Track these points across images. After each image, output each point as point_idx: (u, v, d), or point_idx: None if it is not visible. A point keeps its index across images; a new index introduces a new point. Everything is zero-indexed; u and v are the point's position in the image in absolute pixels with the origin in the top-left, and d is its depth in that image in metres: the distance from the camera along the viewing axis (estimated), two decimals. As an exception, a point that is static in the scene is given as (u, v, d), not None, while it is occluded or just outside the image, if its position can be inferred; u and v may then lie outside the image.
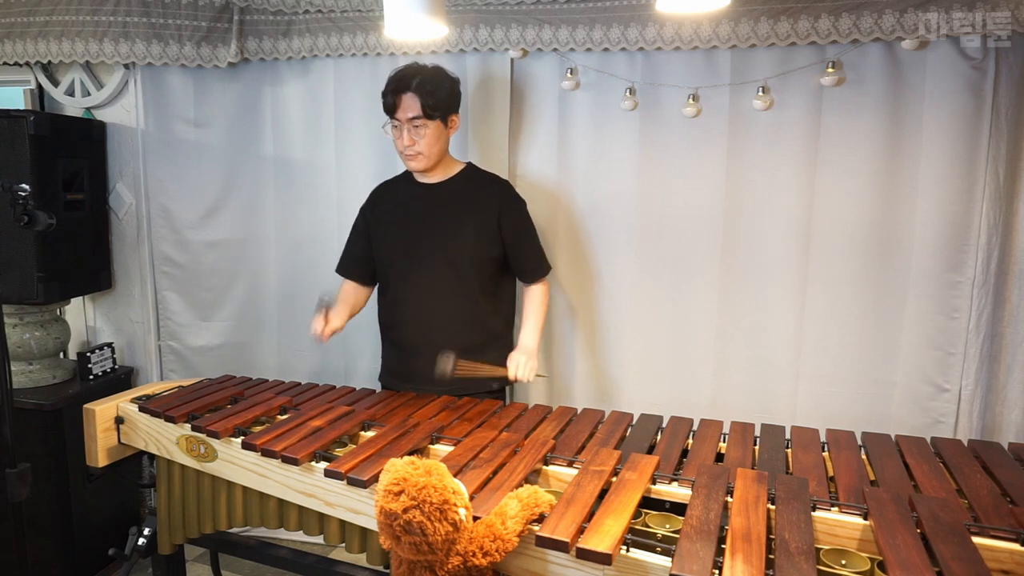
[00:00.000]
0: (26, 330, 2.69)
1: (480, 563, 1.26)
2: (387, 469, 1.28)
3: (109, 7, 2.64)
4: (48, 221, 1.63)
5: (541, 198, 2.57)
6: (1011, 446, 1.70)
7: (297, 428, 1.77)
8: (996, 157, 2.16)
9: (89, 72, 2.87)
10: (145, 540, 2.13)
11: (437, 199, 2.16)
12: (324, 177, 2.78)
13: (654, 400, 2.41)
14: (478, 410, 1.96)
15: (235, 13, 2.64)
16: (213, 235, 2.88)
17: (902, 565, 1.12)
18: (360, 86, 2.67)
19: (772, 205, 2.36)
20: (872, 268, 2.31)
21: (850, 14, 2.13)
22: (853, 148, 2.26)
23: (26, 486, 1.61)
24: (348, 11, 2.57)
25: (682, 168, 2.42)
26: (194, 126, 2.83)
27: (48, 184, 2.56)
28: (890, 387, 2.35)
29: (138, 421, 1.97)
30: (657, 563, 1.20)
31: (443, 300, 2.13)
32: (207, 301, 2.93)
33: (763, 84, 2.30)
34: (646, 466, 1.49)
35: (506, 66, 2.52)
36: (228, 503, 1.85)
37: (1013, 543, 1.24)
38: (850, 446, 1.67)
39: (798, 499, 1.34)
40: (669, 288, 2.50)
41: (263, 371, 2.81)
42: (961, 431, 2.29)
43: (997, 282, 2.22)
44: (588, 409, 1.96)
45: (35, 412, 2.54)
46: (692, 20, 2.25)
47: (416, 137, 2.05)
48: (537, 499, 1.33)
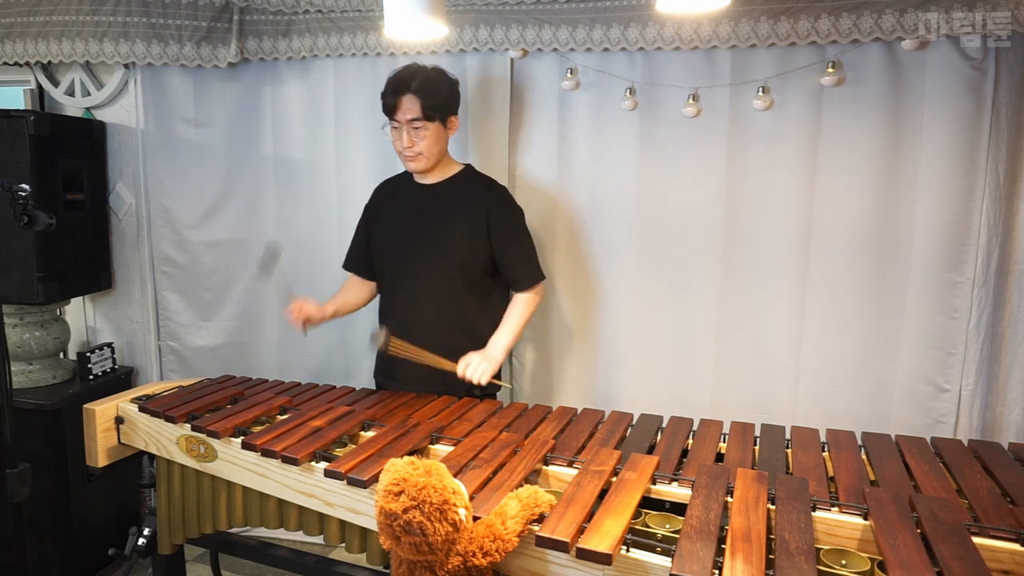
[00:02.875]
0: (26, 330, 2.69)
1: (480, 563, 1.26)
2: (387, 469, 1.28)
3: (109, 7, 2.64)
4: (48, 221, 1.63)
5: (541, 198, 2.57)
6: (1011, 446, 1.70)
7: (297, 428, 1.77)
8: (996, 157, 2.16)
9: (89, 72, 2.87)
10: (145, 540, 2.13)
11: (432, 200, 2.16)
12: (324, 177, 2.78)
13: (654, 400, 2.41)
14: (478, 410, 1.96)
15: (235, 13, 2.64)
16: (213, 235, 2.88)
17: (902, 565, 1.12)
18: (360, 86, 2.67)
19: (772, 205, 2.36)
20: (872, 268, 2.31)
21: (850, 14, 2.13)
22: (853, 148, 2.26)
23: (26, 486, 1.61)
24: (348, 11, 2.57)
25: (682, 168, 2.42)
26: (194, 126, 2.82)
27: (48, 184, 2.56)
28: (890, 387, 2.34)
29: (138, 421, 1.97)
30: (657, 563, 1.20)
31: (430, 301, 2.13)
32: (207, 301, 2.93)
33: (763, 84, 2.30)
34: (646, 466, 1.49)
35: (506, 66, 2.52)
36: (228, 503, 1.85)
37: (1013, 543, 1.24)
38: (850, 446, 1.67)
39: (798, 499, 1.34)
40: (669, 288, 2.50)
41: (263, 371, 2.81)
42: (961, 431, 2.29)
43: (997, 282, 2.22)
44: (588, 409, 1.96)
45: (35, 412, 2.54)
46: (692, 20, 2.25)
47: (416, 138, 2.05)
48: (537, 499, 1.33)
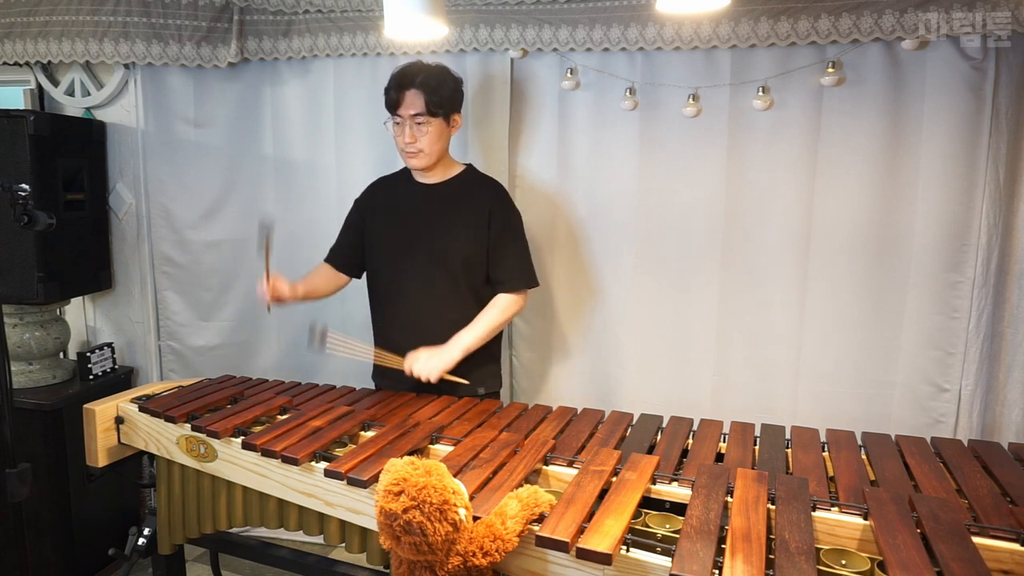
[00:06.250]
0: (26, 330, 2.69)
1: (480, 563, 1.26)
2: (387, 469, 1.28)
3: (109, 7, 2.64)
4: (48, 221, 1.63)
5: (540, 198, 2.57)
6: (1011, 446, 1.70)
7: (297, 428, 1.77)
8: (996, 157, 2.16)
9: (89, 72, 2.87)
10: (145, 540, 2.13)
11: (433, 199, 2.15)
12: (324, 177, 2.78)
13: (654, 400, 2.42)
14: (478, 410, 1.96)
15: (235, 13, 2.64)
16: (213, 235, 2.88)
17: (902, 565, 1.12)
18: (360, 86, 2.67)
19: (772, 205, 2.36)
20: (872, 268, 2.31)
21: (850, 14, 2.13)
22: (853, 148, 2.26)
23: (26, 486, 1.61)
24: (348, 11, 2.57)
25: (682, 168, 2.42)
26: (194, 126, 2.82)
27: (48, 184, 2.56)
28: (890, 387, 2.35)
29: (138, 421, 1.97)
30: (657, 563, 1.20)
31: (430, 301, 2.12)
32: (207, 301, 2.93)
33: (763, 84, 2.30)
34: (646, 466, 1.49)
35: (506, 66, 2.52)
36: (228, 503, 1.85)
37: (1013, 543, 1.24)
38: (850, 446, 1.67)
39: (798, 499, 1.34)
40: (669, 288, 2.50)
41: (263, 371, 2.81)
42: (961, 431, 2.29)
43: (997, 282, 2.22)
44: (588, 409, 1.96)
45: (35, 412, 2.54)
46: (692, 20, 2.25)
47: (418, 134, 2.04)
48: (537, 499, 1.33)
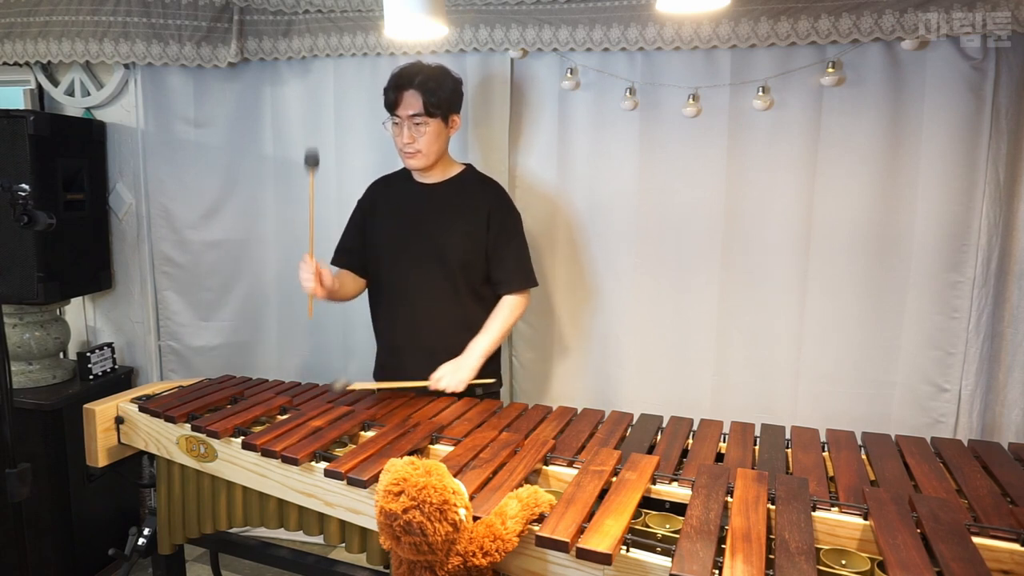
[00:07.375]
0: (26, 330, 2.69)
1: (480, 563, 1.26)
2: (387, 469, 1.28)
3: (109, 7, 2.64)
4: (48, 221, 1.63)
5: (540, 198, 2.57)
6: (1011, 446, 1.70)
7: (297, 428, 1.77)
8: (996, 157, 2.16)
9: (89, 72, 2.87)
10: (145, 540, 2.13)
11: (433, 199, 2.15)
12: (324, 177, 2.77)
13: (654, 400, 2.42)
14: (478, 410, 1.96)
15: (235, 13, 2.64)
16: (213, 235, 2.88)
17: (902, 565, 1.12)
18: (360, 86, 2.67)
19: (772, 205, 2.36)
20: (872, 268, 2.31)
21: (850, 14, 2.13)
22: (853, 148, 2.26)
23: (26, 486, 1.61)
24: (348, 11, 2.57)
25: (682, 168, 2.42)
26: (194, 126, 2.82)
27: (48, 184, 2.56)
28: (890, 387, 2.35)
29: (138, 421, 1.97)
30: (657, 563, 1.20)
31: (431, 301, 2.12)
32: (207, 301, 2.93)
33: (763, 84, 2.30)
34: (646, 466, 1.49)
35: (506, 66, 2.52)
36: (228, 503, 1.85)
37: (1013, 543, 1.24)
38: (850, 446, 1.67)
39: (798, 499, 1.34)
40: (669, 288, 2.50)
41: (263, 371, 2.81)
42: (961, 431, 2.29)
43: (997, 282, 2.22)
44: (588, 409, 1.96)
45: (35, 412, 2.54)
46: (692, 20, 2.25)
47: (416, 135, 2.04)
48: (537, 499, 1.33)
